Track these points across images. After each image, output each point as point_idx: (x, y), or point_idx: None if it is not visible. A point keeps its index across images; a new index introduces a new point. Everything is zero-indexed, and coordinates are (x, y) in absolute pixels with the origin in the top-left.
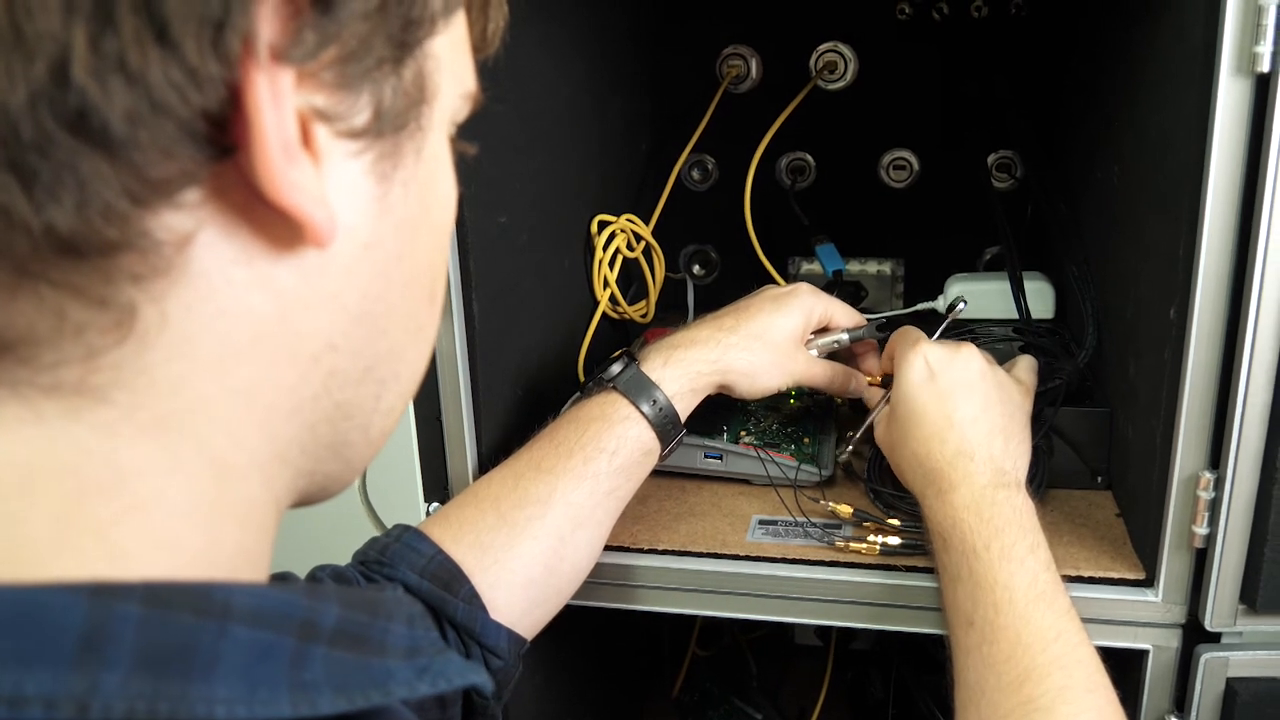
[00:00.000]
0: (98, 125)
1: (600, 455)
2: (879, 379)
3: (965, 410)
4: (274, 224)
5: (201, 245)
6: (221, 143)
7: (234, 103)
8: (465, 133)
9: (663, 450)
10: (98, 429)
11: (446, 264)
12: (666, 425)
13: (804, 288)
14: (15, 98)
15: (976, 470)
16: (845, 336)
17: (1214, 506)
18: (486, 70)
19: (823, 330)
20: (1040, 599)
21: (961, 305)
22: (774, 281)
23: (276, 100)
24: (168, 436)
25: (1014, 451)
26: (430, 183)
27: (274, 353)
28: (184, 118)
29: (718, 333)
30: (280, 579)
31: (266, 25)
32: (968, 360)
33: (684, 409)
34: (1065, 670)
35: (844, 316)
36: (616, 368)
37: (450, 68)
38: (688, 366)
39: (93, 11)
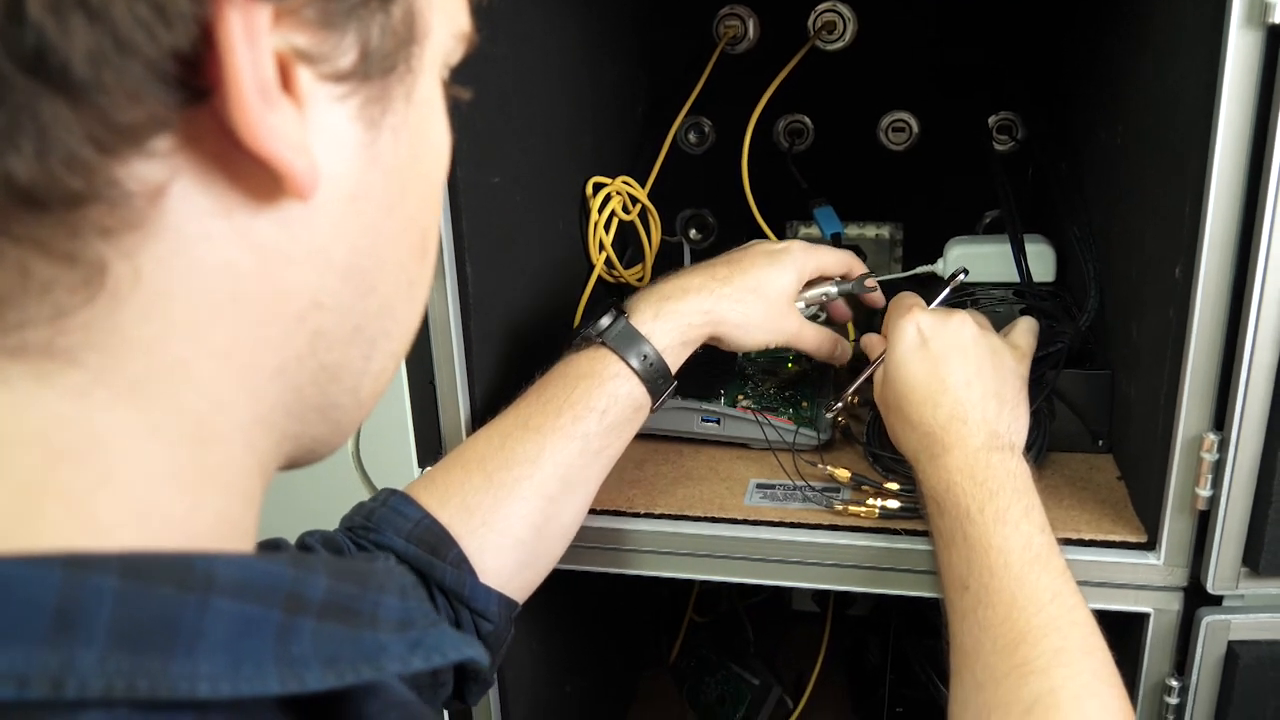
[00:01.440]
0: (57, 66)
1: (590, 414)
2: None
3: (958, 375)
4: (253, 173)
5: (175, 196)
6: (194, 85)
7: (206, 41)
8: (459, 84)
9: (653, 404)
10: (68, 393)
11: (439, 216)
12: (656, 378)
13: (797, 244)
14: None
15: (970, 433)
16: (833, 289)
17: (1217, 468)
18: (481, 22)
19: (813, 282)
20: (1035, 561)
21: (962, 275)
22: None
23: (251, 39)
24: (143, 400)
25: (1008, 415)
26: (421, 129)
27: (255, 311)
28: (152, 57)
29: (711, 281)
30: (271, 546)
31: None
32: (960, 326)
33: (674, 362)
34: (1061, 632)
35: (835, 264)
36: (605, 320)
37: (441, 5)
38: (679, 319)
39: None
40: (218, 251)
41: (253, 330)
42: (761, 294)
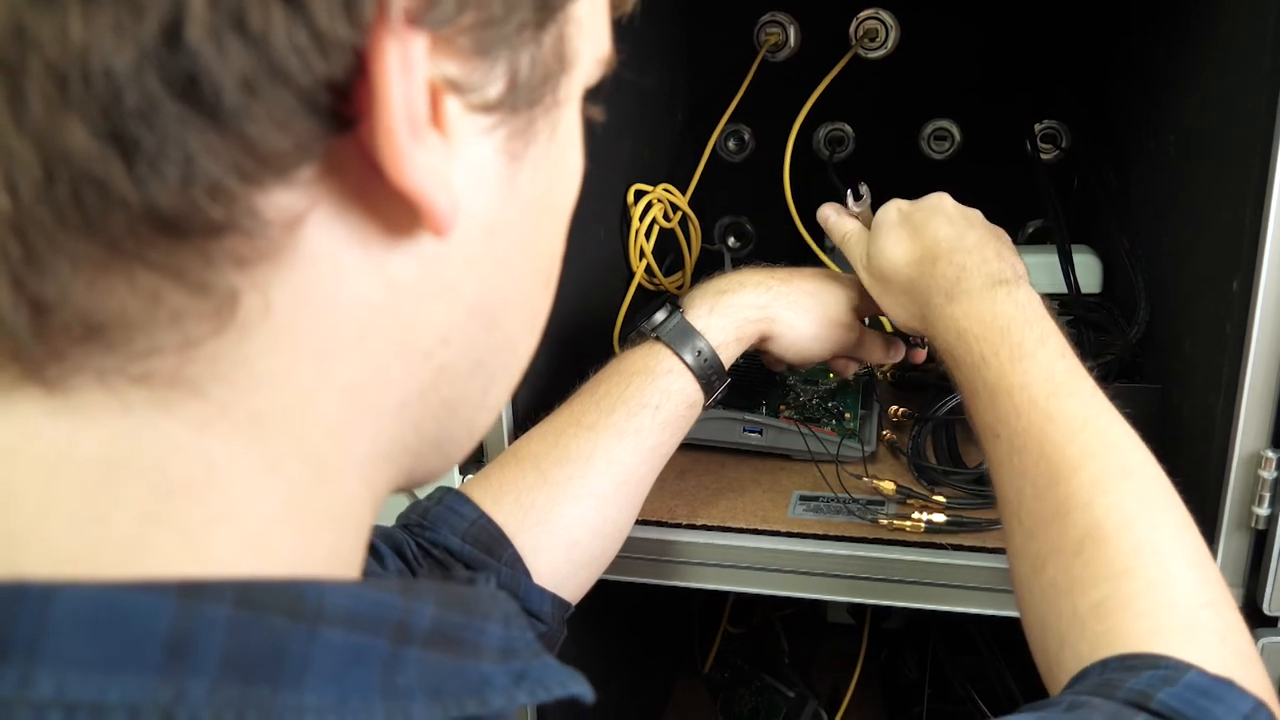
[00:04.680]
0: (209, 92)
1: (644, 410)
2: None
3: (946, 230)
4: (391, 206)
5: (312, 226)
6: (342, 114)
7: (360, 70)
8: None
9: (706, 401)
10: (190, 424)
11: (563, 244)
12: (710, 374)
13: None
14: (122, 59)
15: (970, 278)
16: None
17: (1276, 487)
18: None
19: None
20: (1059, 390)
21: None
22: (811, 253)
23: (407, 70)
24: (264, 434)
25: (1007, 254)
26: (559, 161)
27: (383, 346)
28: (305, 87)
29: (770, 279)
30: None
31: None
32: (938, 196)
33: (728, 358)
34: (1096, 458)
35: None
36: (660, 315)
37: (589, 31)
38: (734, 314)
39: None
40: (350, 285)
41: (379, 365)
42: (818, 302)
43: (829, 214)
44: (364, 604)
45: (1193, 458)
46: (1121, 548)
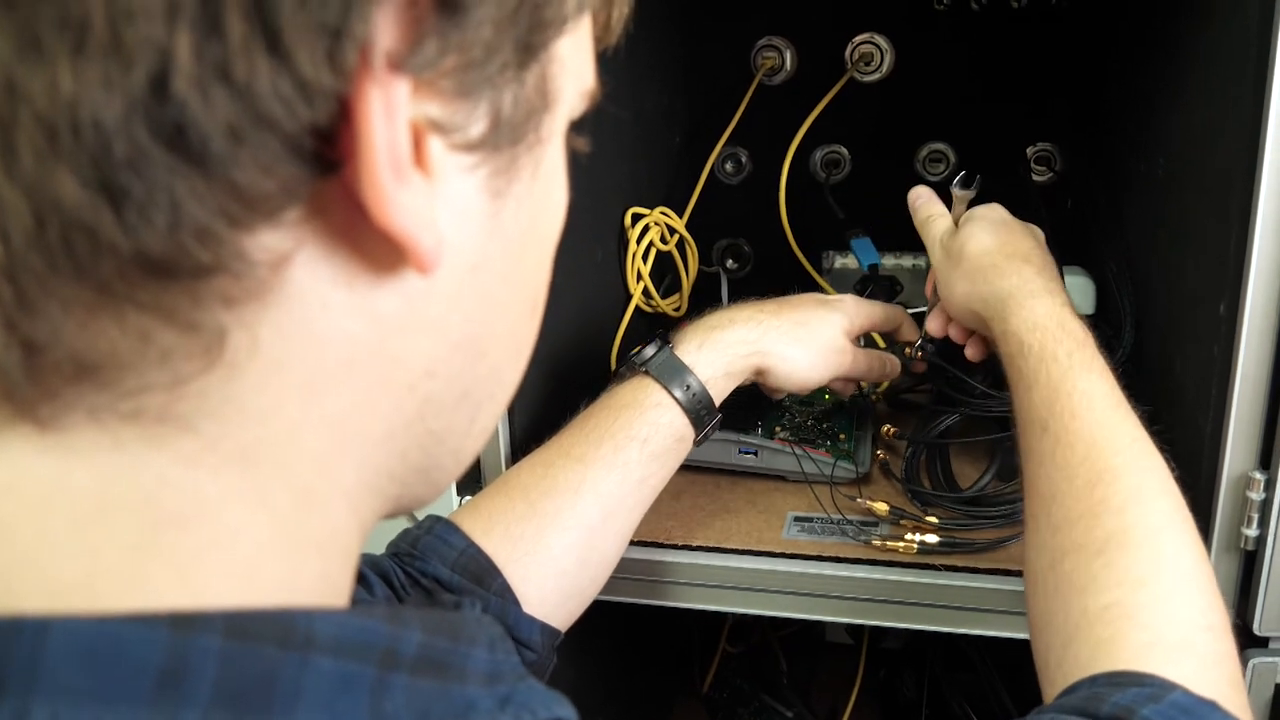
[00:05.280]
0: (196, 141)
1: (631, 443)
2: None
3: (1038, 253)
4: (376, 245)
5: (298, 266)
6: (327, 158)
7: (343, 115)
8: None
9: (696, 436)
10: (180, 459)
11: (548, 274)
12: (700, 410)
13: (850, 297)
14: (110, 111)
15: (1056, 289)
16: None
17: (1264, 508)
18: None
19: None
20: (1119, 407)
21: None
22: (808, 275)
23: (389, 114)
24: (253, 467)
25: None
26: (544, 196)
27: (369, 380)
28: (290, 133)
29: (759, 314)
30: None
31: (386, 33)
32: (1035, 227)
33: (719, 393)
34: (1138, 474)
35: (885, 319)
36: (650, 350)
37: (573, 68)
38: (724, 350)
39: (198, 16)
40: (336, 322)
41: (365, 398)
42: (810, 331)
43: (921, 191)
44: (351, 631)
45: (1182, 479)
46: (1141, 557)
